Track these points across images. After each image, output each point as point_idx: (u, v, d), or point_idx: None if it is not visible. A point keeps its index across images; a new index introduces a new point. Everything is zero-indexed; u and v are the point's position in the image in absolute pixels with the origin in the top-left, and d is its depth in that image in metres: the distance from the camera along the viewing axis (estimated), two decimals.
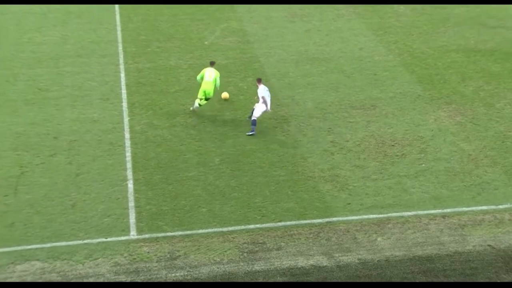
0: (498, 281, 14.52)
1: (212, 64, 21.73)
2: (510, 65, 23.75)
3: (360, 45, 26.39)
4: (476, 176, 17.86)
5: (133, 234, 16.14)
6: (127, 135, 20.20)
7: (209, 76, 21.17)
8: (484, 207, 16.76)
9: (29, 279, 14.68)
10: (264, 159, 19.12)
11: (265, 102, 20.09)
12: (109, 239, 15.91)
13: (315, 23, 28.80)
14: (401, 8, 29.45)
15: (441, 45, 25.86)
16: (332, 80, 23.61)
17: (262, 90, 20.31)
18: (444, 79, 23.18)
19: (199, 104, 21.19)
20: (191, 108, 21.50)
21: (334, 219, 16.66)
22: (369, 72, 24.09)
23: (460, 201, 17.02)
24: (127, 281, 14.66)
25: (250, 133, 20.13)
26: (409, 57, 25.11)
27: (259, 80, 20.74)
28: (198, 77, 21.56)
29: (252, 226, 16.48)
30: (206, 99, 21.19)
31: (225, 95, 22.03)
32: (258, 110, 20.26)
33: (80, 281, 14.66)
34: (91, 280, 14.70)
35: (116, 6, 30.17)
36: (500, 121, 20.28)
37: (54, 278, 14.72)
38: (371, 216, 16.70)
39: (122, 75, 24.07)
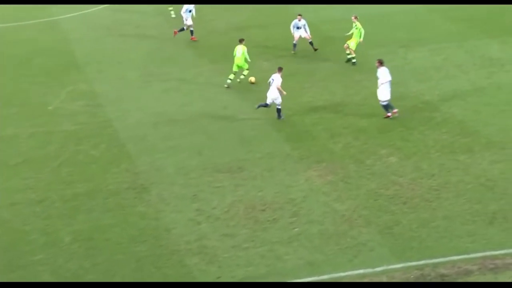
0: None
1: (240, 41, 28.52)
2: (376, 120, 25.49)
3: (224, 103, 27.25)
4: (351, 238, 18.79)
5: None
6: None
7: (239, 52, 28.39)
8: (361, 271, 17.59)
9: None
10: (123, 234, 18.94)
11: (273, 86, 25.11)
12: None
13: (173, 82, 29.42)
14: (265, 63, 30.93)
15: (308, 101, 27.32)
16: (195, 142, 24.06)
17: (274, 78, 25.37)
18: (313, 136, 24.43)
19: (230, 79, 28.17)
20: (225, 85, 28.11)
21: None
22: (234, 132, 24.86)
23: (336, 266, 17.77)
24: None
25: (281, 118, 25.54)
26: (275, 114, 26.21)
27: (280, 69, 25.69)
28: (234, 53, 28.55)
29: None
30: (241, 71, 28.38)
31: (251, 79, 28.72)
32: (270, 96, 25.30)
33: None
34: None
35: None
36: (372, 178, 21.62)
37: None
38: None
39: None
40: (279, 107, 25.37)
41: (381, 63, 25.62)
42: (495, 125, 24.51)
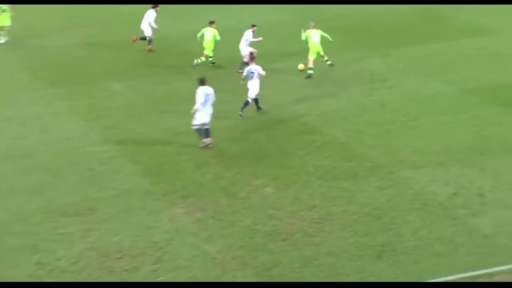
0: None
1: (210, 23, 31.89)
2: (249, 146, 25.91)
3: (67, 134, 26.79)
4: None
5: None
6: None
7: (208, 35, 31.88)
8: None
9: None
10: None
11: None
12: None
13: (2, 111, 28.62)
14: (116, 84, 30.74)
15: (169, 127, 27.37)
16: (33, 182, 23.50)
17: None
18: (177, 168, 24.46)
19: (201, 60, 31.93)
20: (194, 63, 31.71)
21: None
22: (82, 167, 24.48)
23: None
24: None
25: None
26: (132, 144, 26.09)
27: (252, 58, 28.03)
28: (198, 35, 32.20)
29: None
30: (206, 56, 32.03)
31: (301, 66, 31.58)
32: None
33: None
34: None
35: None
36: (247, 213, 21.90)
37: None
38: None
39: None
40: (257, 97, 27.72)
41: (202, 82, 25.80)
42: (380, 147, 25.62)
